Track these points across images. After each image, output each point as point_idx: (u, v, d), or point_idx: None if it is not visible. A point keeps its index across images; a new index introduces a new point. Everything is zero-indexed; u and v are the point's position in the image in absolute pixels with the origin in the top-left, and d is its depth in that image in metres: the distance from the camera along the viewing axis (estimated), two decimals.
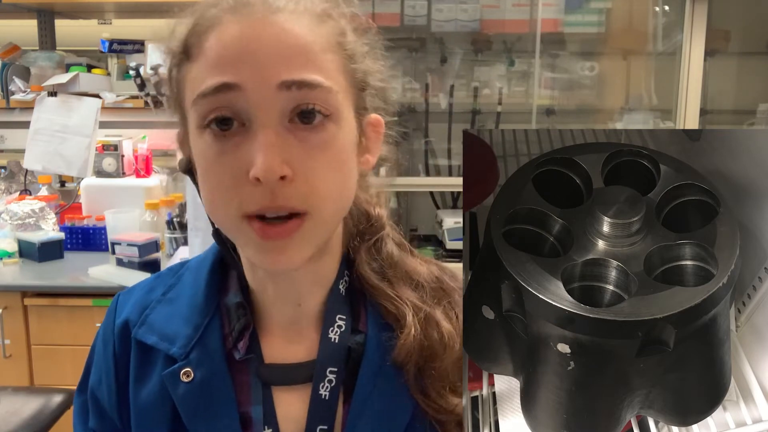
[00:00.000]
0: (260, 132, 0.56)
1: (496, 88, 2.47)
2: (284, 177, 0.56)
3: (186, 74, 0.60)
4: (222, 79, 0.56)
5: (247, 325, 0.67)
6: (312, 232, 0.59)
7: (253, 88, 0.55)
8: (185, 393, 0.65)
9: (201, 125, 0.58)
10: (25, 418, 1.58)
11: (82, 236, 2.38)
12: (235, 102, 0.56)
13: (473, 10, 2.39)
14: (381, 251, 0.70)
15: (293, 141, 0.57)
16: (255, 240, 0.58)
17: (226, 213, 0.59)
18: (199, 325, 0.67)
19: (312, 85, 0.56)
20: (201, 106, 0.57)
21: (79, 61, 2.59)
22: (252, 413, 0.65)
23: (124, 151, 2.43)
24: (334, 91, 0.58)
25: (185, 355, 0.66)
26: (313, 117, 0.57)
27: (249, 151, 0.56)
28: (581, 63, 2.48)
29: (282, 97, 0.56)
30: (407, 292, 0.68)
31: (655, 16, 2.49)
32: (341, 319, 0.67)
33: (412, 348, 0.65)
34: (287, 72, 0.56)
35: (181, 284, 0.72)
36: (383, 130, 0.67)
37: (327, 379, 0.65)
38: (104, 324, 0.73)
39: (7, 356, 2.04)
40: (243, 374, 0.67)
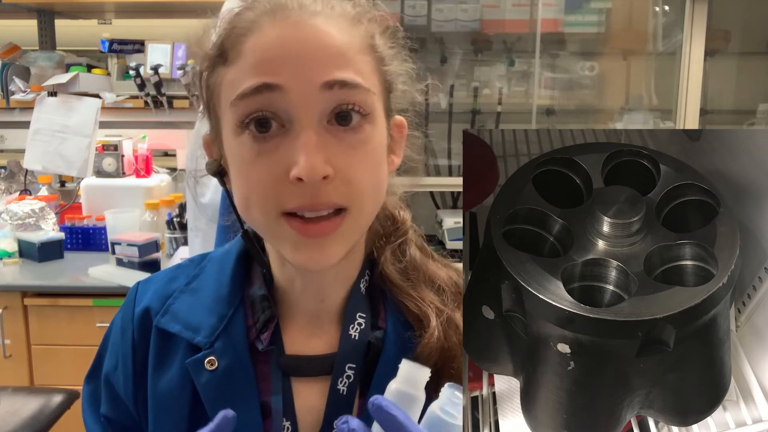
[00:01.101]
0: (302, 133, 0.57)
1: (496, 88, 2.47)
2: (326, 177, 0.57)
3: (222, 78, 0.61)
4: (263, 79, 0.57)
5: (272, 317, 0.69)
6: (350, 229, 0.61)
7: (295, 88, 0.57)
8: (208, 381, 0.66)
9: (239, 126, 0.59)
10: (25, 418, 1.58)
11: (82, 236, 2.39)
12: (275, 103, 0.57)
13: (473, 10, 2.39)
14: (405, 254, 0.72)
15: (332, 141, 0.58)
16: (293, 237, 0.60)
17: (263, 211, 0.60)
18: (224, 315, 0.69)
19: (352, 84, 0.58)
20: (240, 107, 0.58)
21: (79, 61, 2.59)
22: (272, 403, 0.67)
23: (124, 151, 2.43)
24: (371, 92, 0.60)
25: (210, 344, 0.67)
26: (350, 118, 0.59)
27: (289, 152, 0.57)
28: (581, 63, 2.48)
29: (324, 97, 0.57)
30: (429, 295, 0.70)
31: (655, 16, 2.49)
32: (361, 316, 0.69)
33: (435, 348, 0.66)
34: (329, 72, 0.57)
35: (205, 275, 0.73)
36: (406, 132, 0.69)
37: (345, 375, 0.66)
38: (122, 311, 0.74)
39: (7, 356, 2.04)
40: (264, 364, 0.68)
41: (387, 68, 0.64)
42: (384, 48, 0.65)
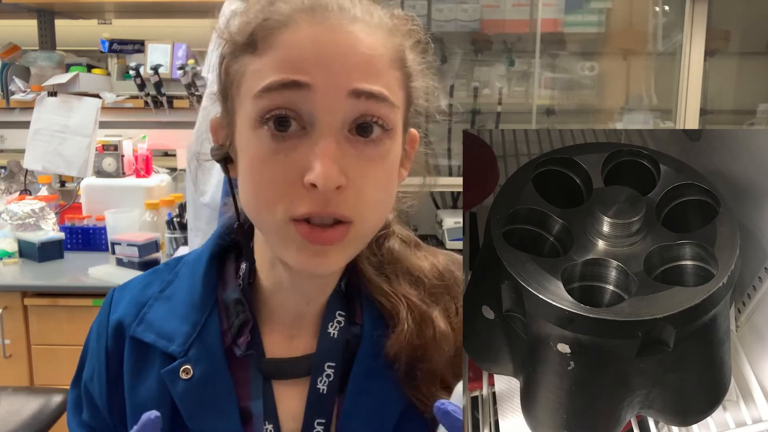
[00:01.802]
0: (321, 138, 0.56)
1: (496, 88, 2.47)
2: (340, 187, 0.56)
3: (247, 66, 0.59)
4: (292, 76, 0.56)
5: (246, 321, 0.68)
6: (354, 241, 0.61)
7: (323, 90, 0.56)
8: (185, 390, 0.65)
9: (258, 121, 0.57)
10: (25, 418, 1.58)
11: (82, 236, 2.38)
12: (300, 103, 0.56)
13: (473, 10, 2.39)
14: (381, 247, 0.71)
15: (351, 151, 0.57)
16: (299, 242, 0.58)
17: (271, 213, 0.59)
18: (197, 322, 0.67)
19: (379, 97, 0.57)
20: (263, 101, 0.57)
21: (79, 61, 2.59)
22: (252, 408, 0.66)
23: (124, 151, 2.43)
24: (396, 107, 0.59)
25: (184, 352, 0.66)
26: (371, 131, 0.58)
27: (306, 156, 0.56)
28: (581, 63, 2.48)
29: (349, 104, 0.56)
30: (405, 288, 0.69)
31: (655, 16, 2.49)
32: (341, 314, 0.68)
33: (404, 344, 0.66)
34: (359, 80, 0.56)
35: (179, 280, 0.72)
36: (417, 145, 0.69)
37: (325, 374, 0.66)
38: (98, 319, 0.73)
39: (7, 356, 2.04)
40: (242, 369, 0.67)
41: (413, 84, 0.64)
42: (413, 64, 0.64)
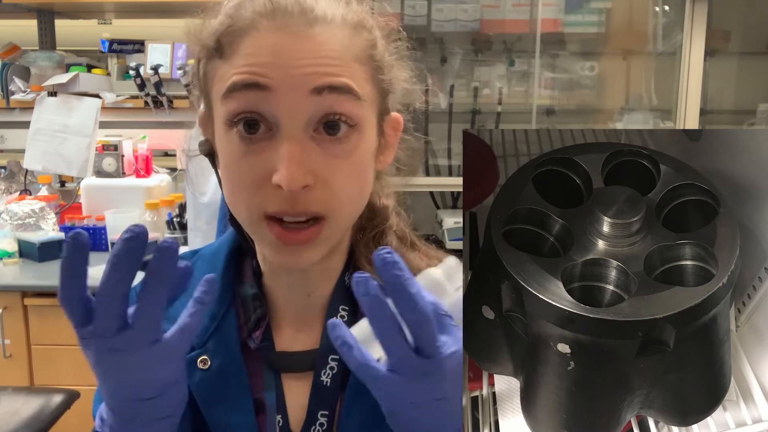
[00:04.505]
0: (286, 140, 0.57)
1: (496, 88, 2.47)
2: (306, 186, 0.57)
3: (216, 70, 0.61)
4: (252, 78, 0.57)
5: (263, 315, 0.69)
6: (328, 236, 0.62)
7: (284, 92, 0.57)
8: (201, 380, 0.67)
9: (228, 123, 0.59)
10: (25, 418, 1.58)
11: None
12: (262, 105, 0.57)
13: (473, 10, 2.39)
14: (378, 245, 0.71)
15: (316, 150, 0.58)
16: (273, 241, 0.60)
17: (247, 211, 0.61)
18: (215, 315, 0.69)
19: (342, 89, 0.58)
20: (229, 103, 0.58)
21: (79, 61, 2.59)
22: (265, 399, 0.67)
23: (124, 151, 2.42)
24: (361, 101, 0.60)
25: (202, 343, 0.68)
26: (338, 129, 0.59)
27: (273, 157, 0.58)
28: (581, 63, 2.48)
29: (313, 103, 0.57)
30: None
31: (655, 16, 2.48)
32: (344, 309, 0.69)
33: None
34: (319, 78, 0.57)
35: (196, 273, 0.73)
36: (401, 128, 0.69)
37: (329, 366, 0.67)
38: None
39: (7, 356, 2.04)
40: (256, 361, 0.68)
41: (384, 77, 0.64)
42: (383, 56, 0.64)
